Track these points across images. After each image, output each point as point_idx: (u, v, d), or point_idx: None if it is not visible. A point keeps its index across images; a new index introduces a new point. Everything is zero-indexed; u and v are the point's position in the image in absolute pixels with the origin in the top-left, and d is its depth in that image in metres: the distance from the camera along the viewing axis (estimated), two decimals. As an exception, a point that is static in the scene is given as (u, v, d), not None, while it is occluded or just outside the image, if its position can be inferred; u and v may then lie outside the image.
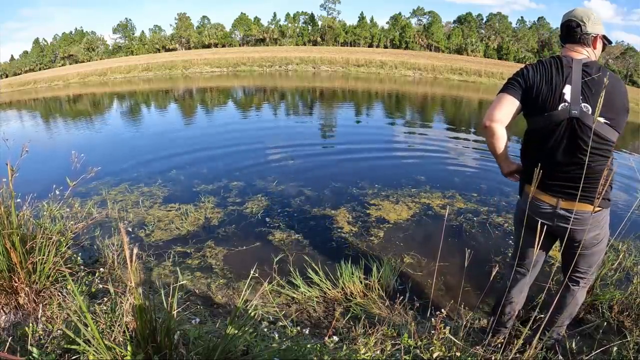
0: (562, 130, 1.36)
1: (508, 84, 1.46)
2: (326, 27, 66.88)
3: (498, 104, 1.44)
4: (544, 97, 1.37)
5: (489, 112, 1.46)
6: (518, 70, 1.47)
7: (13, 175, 1.66)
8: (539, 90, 1.38)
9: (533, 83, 1.39)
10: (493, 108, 1.44)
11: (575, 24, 1.44)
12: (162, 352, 1.11)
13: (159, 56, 38.87)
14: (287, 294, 2.28)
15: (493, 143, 1.49)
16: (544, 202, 1.49)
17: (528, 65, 1.46)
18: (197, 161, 5.15)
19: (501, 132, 1.45)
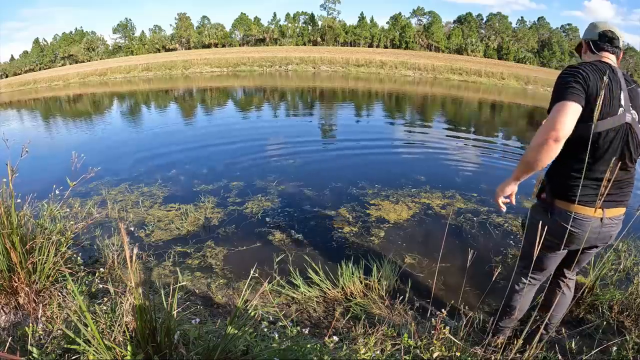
0: (619, 135, 1.33)
1: (569, 89, 1.28)
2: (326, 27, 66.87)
3: (565, 115, 1.26)
4: (606, 101, 1.31)
5: (555, 124, 1.26)
6: (569, 72, 1.33)
7: (13, 175, 1.66)
8: (597, 93, 1.29)
9: (593, 86, 1.29)
10: (560, 121, 1.25)
11: (613, 36, 1.48)
12: (162, 352, 1.11)
13: (159, 56, 38.87)
14: (287, 294, 2.28)
15: (544, 161, 1.31)
16: (589, 217, 1.39)
17: (577, 67, 1.35)
18: (197, 161, 5.15)
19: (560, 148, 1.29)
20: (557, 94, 1.31)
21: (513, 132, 8.72)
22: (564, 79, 1.32)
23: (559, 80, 1.34)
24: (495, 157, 5.94)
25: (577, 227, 1.40)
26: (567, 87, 1.30)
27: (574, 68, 1.34)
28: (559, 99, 1.29)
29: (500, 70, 24.89)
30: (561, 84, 1.32)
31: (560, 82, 1.33)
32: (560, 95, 1.29)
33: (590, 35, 1.51)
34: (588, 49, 1.51)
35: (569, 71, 1.34)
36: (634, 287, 2.17)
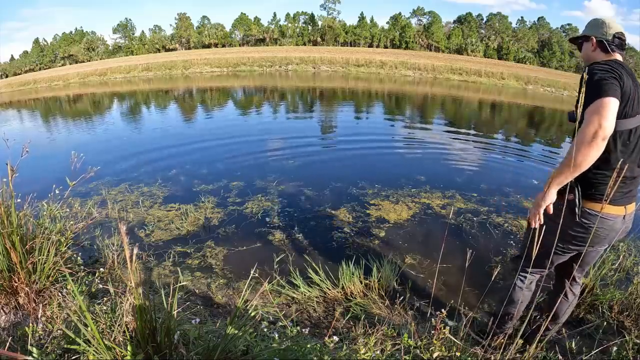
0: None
1: (607, 85, 1.27)
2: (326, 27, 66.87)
3: (608, 111, 1.24)
4: (636, 98, 1.33)
5: (602, 121, 1.23)
6: (603, 69, 1.32)
7: (13, 175, 1.66)
8: (630, 91, 1.31)
9: (627, 83, 1.30)
10: (606, 117, 1.23)
11: (624, 38, 1.49)
12: (162, 352, 1.11)
13: (159, 56, 38.87)
14: (287, 294, 2.28)
15: (593, 160, 1.27)
16: (617, 216, 1.40)
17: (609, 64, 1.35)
18: (198, 161, 5.14)
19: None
20: (596, 90, 1.27)
21: (513, 132, 8.72)
22: (600, 75, 1.30)
23: (594, 77, 1.30)
24: (495, 157, 5.94)
25: (606, 226, 1.41)
26: (606, 83, 1.27)
27: (606, 65, 1.33)
28: (599, 95, 1.26)
29: (500, 70, 24.88)
30: (598, 80, 1.29)
31: (596, 78, 1.30)
32: (599, 91, 1.26)
33: (601, 34, 1.48)
34: (599, 47, 1.49)
35: (603, 68, 1.33)
36: (634, 287, 2.17)
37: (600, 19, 1.52)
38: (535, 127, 10.05)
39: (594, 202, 1.38)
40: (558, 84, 22.52)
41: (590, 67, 1.37)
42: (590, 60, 1.51)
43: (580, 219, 1.41)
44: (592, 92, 1.29)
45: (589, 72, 1.35)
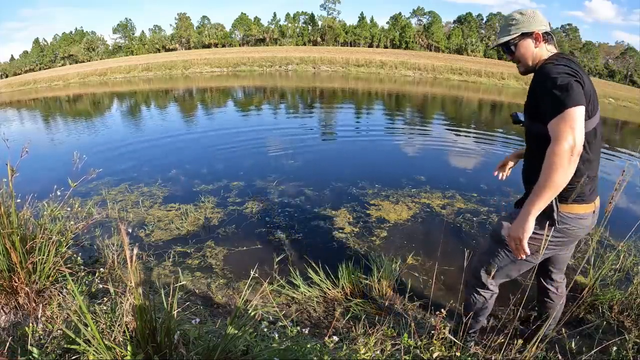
0: (599, 128, 1.33)
1: (574, 90, 1.17)
2: (326, 27, 66.88)
3: (580, 122, 1.15)
4: (593, 95, 1.28)
5: (574, 135, 1.14)
6: (562, 69, 1.22)
7: (13, 175, 1.66)
8: (589, 89, 1.25)
9: (585, 81, 1.23)
10: (577, 130, 1.14)
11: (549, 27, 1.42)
12: (162, 352, 1.11)
13: (159, 56, 38.87)
14: (287, 294, 2.28)
15: (569, 175, 1.16)
16: (588, 214, 1.39)
17: (566, 63, 1.25)
18: (198, 161, 5.15)
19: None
20: (561, 98, 1.17)
21: (513, 132, 8.72)
22: (563, 80, 1.19)
23: (556, 81, 1.19)
24: (495, 157, 5.93)
25: (582, 225, 1.39)
26: (571, 89, 1.17)
27: (563, 65, 1.23)
28: (566, 105, 1.16)
29: (500, 70, 24.87)
30: (562, 86, 1.18)
31: (559, 83, 1.19)
32: (566, 100, 1.16)
33: (539, 25, 1.38)
34: (544, 41, 1.39)
35: (561, 69, 1.22)
36: (634, 287, 2.17)
37: (530, 9, 1.41)
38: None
39: (573, 204, 1.35)
40: (558, 84, 22.48)
41: (544, 68, 1.26)
42: (536, 59, 1.39)
43: (558, 225, 1.36)
44: (557, 101, 1.18)
45: (546, 75, 1.24)
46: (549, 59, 1.34)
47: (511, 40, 1.40)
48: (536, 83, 1.28)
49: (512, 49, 1.41)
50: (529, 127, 1.41)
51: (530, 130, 1.41)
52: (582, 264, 2.63)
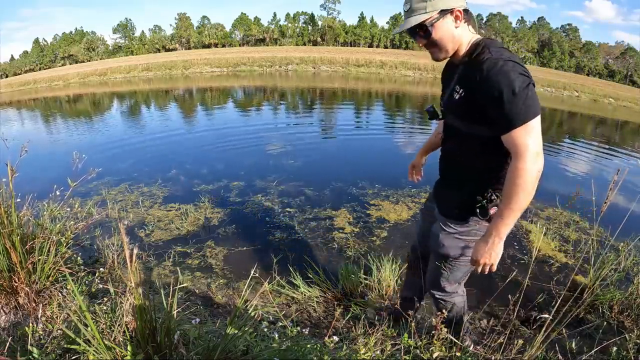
0: None
1: (535, 98, 1.09)
2: (326, 27, 66.89)
3: (540, 132, 1.09)
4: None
5: (538, 148, 1.07)
6: (520, 71, 1.09)
7: (13, 175, 1.66)
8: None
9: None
10: (539, 141, 1.08)
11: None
12: (162, 352, 1.11)
13: (159, 56, 38.87)
14: (287, 294, 2.28)
15: (533, 193, 1.10)
16: None
17: (509, 53, 1.14)
18: (198, 161, 5.15)
19: None
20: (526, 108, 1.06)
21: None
22: (523, 82, 1.07)
23: (517, 85, 1.06)
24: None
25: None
26: (533, 95, 1.08)
27: (519, 64, 1.11)
28: (530, 115, 1.06)
29: (500, 70, 24.83)
30: (523, 91, 1.06)
31: (519, 87, 1.06)
32: (529, 110, 1.06)
33: (458, 1, 1.16)
34: (464, 19, 1.18)
35: (518, 69, 1.09)
36: (634, 287, 2.17)
37: None
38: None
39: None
40: (558, 84, 22.52)
41: (496, 64, 1.08)
42: (457, 42, 1.19)
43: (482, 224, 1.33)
44: (518, 111, 1.06)
45: (502, 75, 1.06)
46: (482, 45, 1.16)
47: (428, 20, 1.14)
48: (484, 82, 1.09)
49: (429, 31, 1.15)
50: (458, 127, 1.26)
51: (456, 129, 1.27)
52: (582, 264, 2.63)
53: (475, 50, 1.17)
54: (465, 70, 1.19)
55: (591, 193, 2.06)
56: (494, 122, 1.11)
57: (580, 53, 63.35)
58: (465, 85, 1.17)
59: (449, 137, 1.34)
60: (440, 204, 1.45)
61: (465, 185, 1.31)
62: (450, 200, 1.38)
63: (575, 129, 10.68)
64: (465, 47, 1.21)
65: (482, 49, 1.15)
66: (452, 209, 1.37)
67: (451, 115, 1.28)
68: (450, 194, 1.39)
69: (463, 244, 1.38)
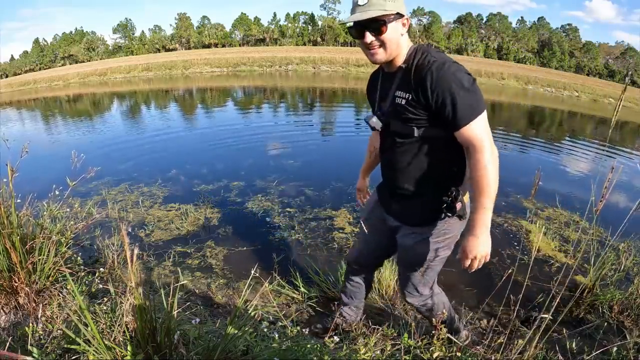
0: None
1: (481, 94, 1.16)
2: (326, 27, 66.92)
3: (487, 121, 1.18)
4: None
5: (490, 138, 1.16)
6: (465, 70, 1.16)
7: (13, 175, 1.66)
8: None
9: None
10: (488, 127, 1.17)
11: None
12: (162, 352, 1.11)
13: (159, 56, 38.87)
14: (287, 294, 2.28)
15: (497, 177, 1.18)
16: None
17: (448, 56, 1.19)
18: (198, 161, 5.15)
19: None
20: (477, 103, 1.13)
21: (513, 131, 8.72)
22: (471, 79, 1.14)
23: (466, 82, 1.12)
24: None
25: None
26: (479, 91, 1.15)
27: (460, 64, 1.16)
28: (481, 108, 1.14)
29: (500, 71, 24.87)
30: (472, 87, 1.13)
31: (468, 84, 1.13)
32: (479, 103, 1.14)
33: (406, 12, 1.21)
34: (409, 29, 1.23)
35: (465, 70, 1.15)
36: (634, 287, 2.17)
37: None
38: (536, 126, 10.05)
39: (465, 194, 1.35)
40: (558, 84, 22.53)
41: (443, 66, 1.13)
42: (398, 48, 1.21)
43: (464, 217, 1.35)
44: (470, 106, 1.12)
45: (452, 75, 1.11)
46: (422, 50, 1.21)
47: (386, 16, 1.14)
48: (435, 83, 1.12)
49: (383, 29, 1.15)
50: (407, 132, 1.26)
51: (404, 135, 1.27)
52: (582, 264, 2.63)
53: (416, 56, 1.20)
54: (407, 76, 1.21)
55: (591, 193, 2.06)
56: (448, 121, 1.15)
57: (580, 53, 63.38)
58: (411, 89, 1.19)
59: (394, 146, 1.32)
60: (401, 215, 1.43)
61: (425, 190, 1.32)
62: (413, 208, 1.38)
63: (575, 128, 10.68)
64: (403, 55, 1.23)
65: (424, 54, 1.19)
66: (417, 216, 1.38)
67: (398, 121, 1.27)
68: (411, 204, 1.38)
69: (436, 246, 1.39)
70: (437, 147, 1.25)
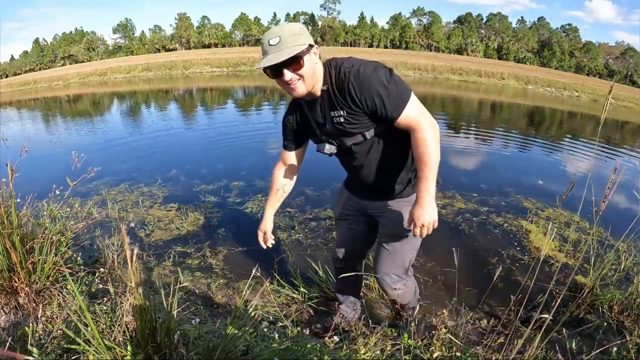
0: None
1: (402, 80, 1.25)
2: (326, 27, 66.94)
3: (418, 100, 1.28)
4: None
5: (423, 109, 1.26)
6: (382, 66, 1.23)
7: (13, 175, 1.66)
8: None
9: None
10: (421, 105, 1.27)
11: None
12: (162, 352, 1.11)
13: (159, 56, 38.87)
14: (287, 294, 2.28)
15: (439, 140, 1.30)
16: None
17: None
18: (198, 161, 5.15)
19: None
20: (403, 90, 1.22)
21: (513, 131, 8.72)
22: (388, 73, 1.22)
23: (381, 74, 1.20)
24: (495, 157, 5.94)
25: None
26: (399, 79, 1.24)
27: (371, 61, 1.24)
28: (408, 92, 1.23)
29: (500, 71, 24.87)
30: (392, 78, 1.21)
31: (384, 74, 1.20)
32: (404, 86, 1.23)
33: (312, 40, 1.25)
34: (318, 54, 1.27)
35: (377, 64, 1.23)
36: (634, 287, 2.17)
37: (296, 24, 1.24)
38: (535, 126, 10.05)
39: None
40: (558, 84, 22.53)
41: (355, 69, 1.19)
42: (316, 77, 1.24)
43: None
44: (398, 93, 1.20)
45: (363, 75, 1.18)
46: (333, 65, 1.27)
47: (301, 52, 1.16)
48: (360, 90, 1.19)
49: (300, 64, 1.18)
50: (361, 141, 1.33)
51: (361, 144, 1.35)
52: (582, 264, 2.63)
53: (331, 74, 1.25)
54: (333, 96, 1.26)
55: (591, 193, 2.06)
56: (384, 117, 1.23)
57: (580, 53, 63.39)
58: (343, 105, 1.25)
59: (355, 156, 1.39)
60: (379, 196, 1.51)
61: (396, 174, 1.44)
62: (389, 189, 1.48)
63: (576, 128, 10.68)
64: (321, 80, 1.27)
65: (336, 68, 1.24)
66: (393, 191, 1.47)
67: (347, 137, 1.33)
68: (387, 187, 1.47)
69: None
70: (392, 136, 1.33)
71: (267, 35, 1.19)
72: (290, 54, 1.14)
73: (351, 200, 1.65)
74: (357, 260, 1.86)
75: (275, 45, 1.16)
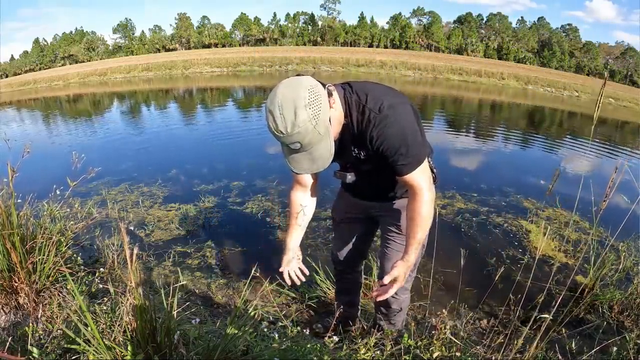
0: None
1: (422, 142, 1.21)
2: (326, 27, 66.95)
3: (428, 168, 1.26)
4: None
5: (428, 178, 1.23)
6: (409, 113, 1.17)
7: (13, 175, 1.66)
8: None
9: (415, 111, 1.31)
10: (429, 173, 1.26)
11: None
12: (162, 352, 1.11)
13: (159, 56, 38.88)
14: (287, 294, 2.28)
15: (432, 209, 1.26)
16: None
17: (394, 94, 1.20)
18: (198, 161, 5.15)
19: None
20: (419, 154, 1.18)
21: (513, 131, 8.73)
22: (413, 127, 1.15)
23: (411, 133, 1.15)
24: (495, 157, 5.94)
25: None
26: (421, 140, 1.19)
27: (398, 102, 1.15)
28: (422, 160, 1.19)
29: (500, 71, 24.87)
30: (414, 138, 1.16)
31: (413, 135, 1.15)
32: (422, 155, 1.19)
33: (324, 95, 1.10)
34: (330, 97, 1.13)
35: (402, 110, 1.15)
36: (634, 287, 2.17)
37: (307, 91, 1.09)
38: (536, 126, 10.06)
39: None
40: (558, 84, 22.53)
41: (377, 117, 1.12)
42: (340, 121, 1.18)
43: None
44: (409, 158, 1.16)
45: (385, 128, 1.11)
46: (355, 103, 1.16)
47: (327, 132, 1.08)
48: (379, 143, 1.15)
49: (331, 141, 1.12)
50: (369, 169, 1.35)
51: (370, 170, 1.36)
52: (582, 264, 2.63)
53: (352, 113, 1.17)
54: (354, 133, 1.21)
55: (591, 193, 2.06)
56: (394, 169, 1.21)
57: (580, 53, 63.38)
58: (364, 146, 1.21)
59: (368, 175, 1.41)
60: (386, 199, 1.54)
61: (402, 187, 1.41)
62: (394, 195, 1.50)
63: (576, 128, 10.68)
64: (341, 118, 1.18)
65: (359, 106, 1.15)
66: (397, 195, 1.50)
67: (362, 165, 1.34)
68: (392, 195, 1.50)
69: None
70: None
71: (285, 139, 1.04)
72: (325, 149, 1.08)
73: (354, 203, 1.69)
74: (359, 261, 1.86)
75: (302, 146, 1.05)
